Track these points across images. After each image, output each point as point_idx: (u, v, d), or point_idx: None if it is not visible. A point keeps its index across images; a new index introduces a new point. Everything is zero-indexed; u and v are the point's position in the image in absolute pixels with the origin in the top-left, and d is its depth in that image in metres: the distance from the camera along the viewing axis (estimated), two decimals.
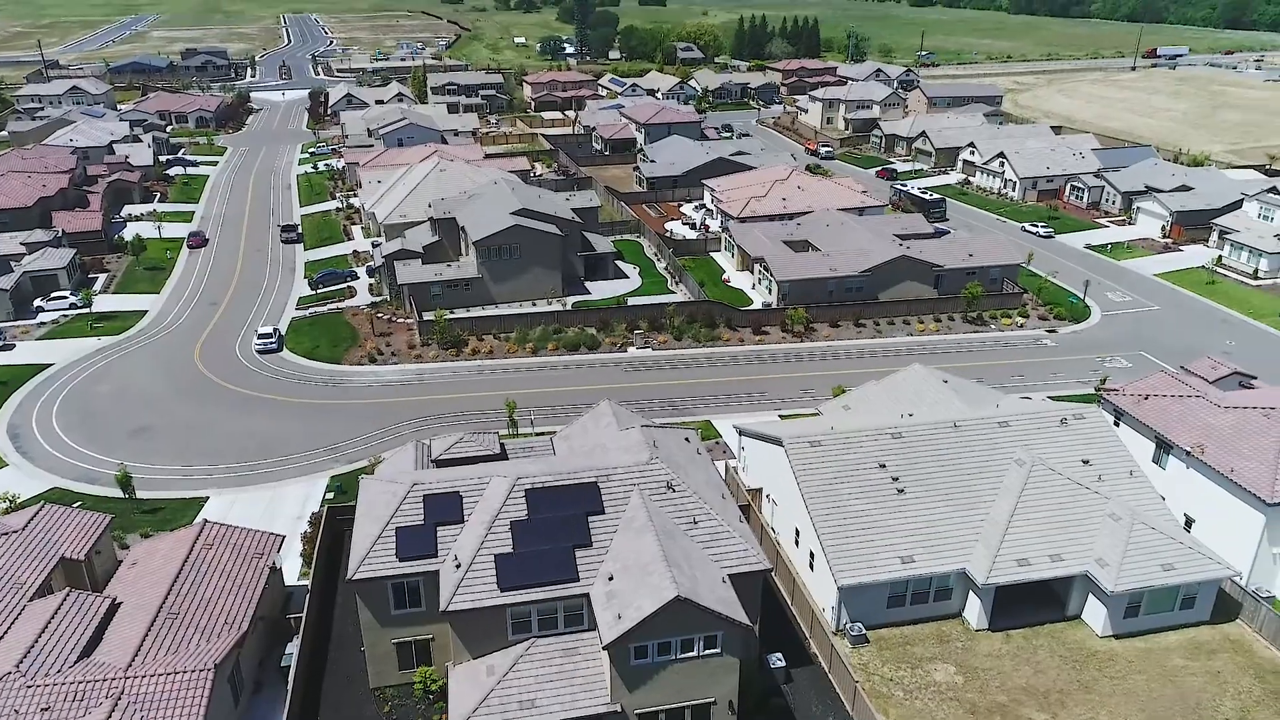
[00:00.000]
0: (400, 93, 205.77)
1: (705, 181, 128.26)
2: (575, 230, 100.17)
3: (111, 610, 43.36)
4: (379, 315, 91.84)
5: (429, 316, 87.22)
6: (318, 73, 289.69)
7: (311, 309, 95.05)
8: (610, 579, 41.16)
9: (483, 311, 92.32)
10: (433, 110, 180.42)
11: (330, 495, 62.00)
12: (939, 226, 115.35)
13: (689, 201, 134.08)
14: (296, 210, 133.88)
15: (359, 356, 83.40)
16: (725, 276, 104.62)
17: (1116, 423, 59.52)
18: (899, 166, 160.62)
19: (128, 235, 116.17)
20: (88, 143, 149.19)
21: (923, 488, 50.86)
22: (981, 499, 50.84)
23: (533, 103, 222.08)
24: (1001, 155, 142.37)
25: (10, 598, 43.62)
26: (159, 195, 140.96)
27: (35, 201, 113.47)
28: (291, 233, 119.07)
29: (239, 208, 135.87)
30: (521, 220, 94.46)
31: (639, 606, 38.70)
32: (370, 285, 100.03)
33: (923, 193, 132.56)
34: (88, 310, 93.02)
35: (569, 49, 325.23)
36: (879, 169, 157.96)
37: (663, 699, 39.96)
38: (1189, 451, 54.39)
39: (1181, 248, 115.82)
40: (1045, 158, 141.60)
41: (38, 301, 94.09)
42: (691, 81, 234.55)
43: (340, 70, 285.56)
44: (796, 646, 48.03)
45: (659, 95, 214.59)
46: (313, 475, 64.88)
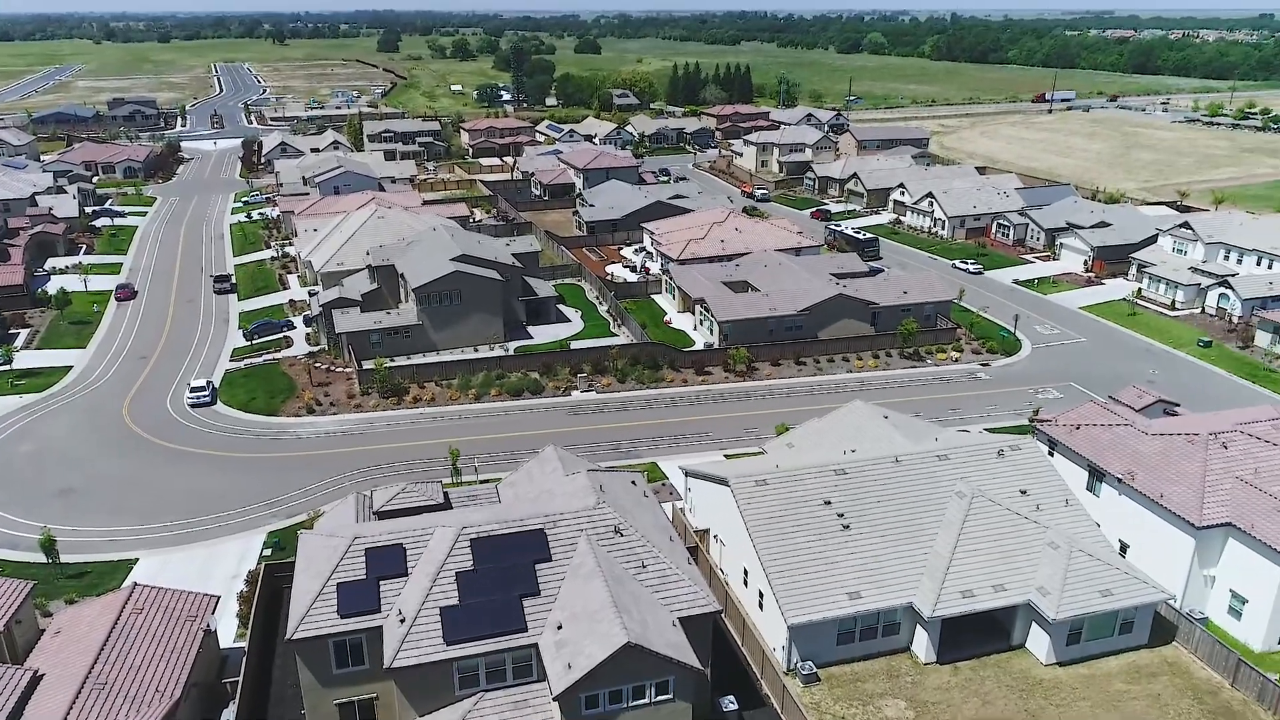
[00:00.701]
0: (336, 141, 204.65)
1: (644, 225, 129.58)
2: (516, 275, 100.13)
3: (33, 683, 41.17)
4: (317, 365, 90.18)
5: (369, 365, 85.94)
6: (251, 121, 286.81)
7: (246, 360, 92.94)
8: (559, 628, 40.53)
9: (424, 359, 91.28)
10: (369, 158, 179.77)
11: (268, 552, 60.12)
12: (874, 265, 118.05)
13: (629, 245, 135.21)
14: (230, 260, 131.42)
15: (296, 408, 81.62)
16: (667, 318, 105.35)
17: (1051, 452, 61.05)
18: (833, 207, 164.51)
19: (51, 289, 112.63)
20: (8, 195, 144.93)
21: (867, 523, 51.36)
22: (925, 532, 51.51)
23: (471, 149, 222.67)
24: (930, 195, 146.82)
25: None
26: (85, 247, 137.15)
27: None
28: (225, 283, 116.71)
29: (169, 259, 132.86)
30: (461, 266, 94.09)
31: (589, 654, 38.14)
32: (308, 335, 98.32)
33: (857, 233, 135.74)
34: (7, 367, 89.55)
35: (506, 96, 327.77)
36: (813, 210, 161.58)
37: None
38: (1120, 479, 55.97)
39: (1103, 281, 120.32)
40: (972, 197, 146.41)
41: None
42: (628, 127, 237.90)
43: (274, 119, 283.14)
44: (748, 688, 47.74)
45: (597, 141, 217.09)
46: (249, 532, 62.91)
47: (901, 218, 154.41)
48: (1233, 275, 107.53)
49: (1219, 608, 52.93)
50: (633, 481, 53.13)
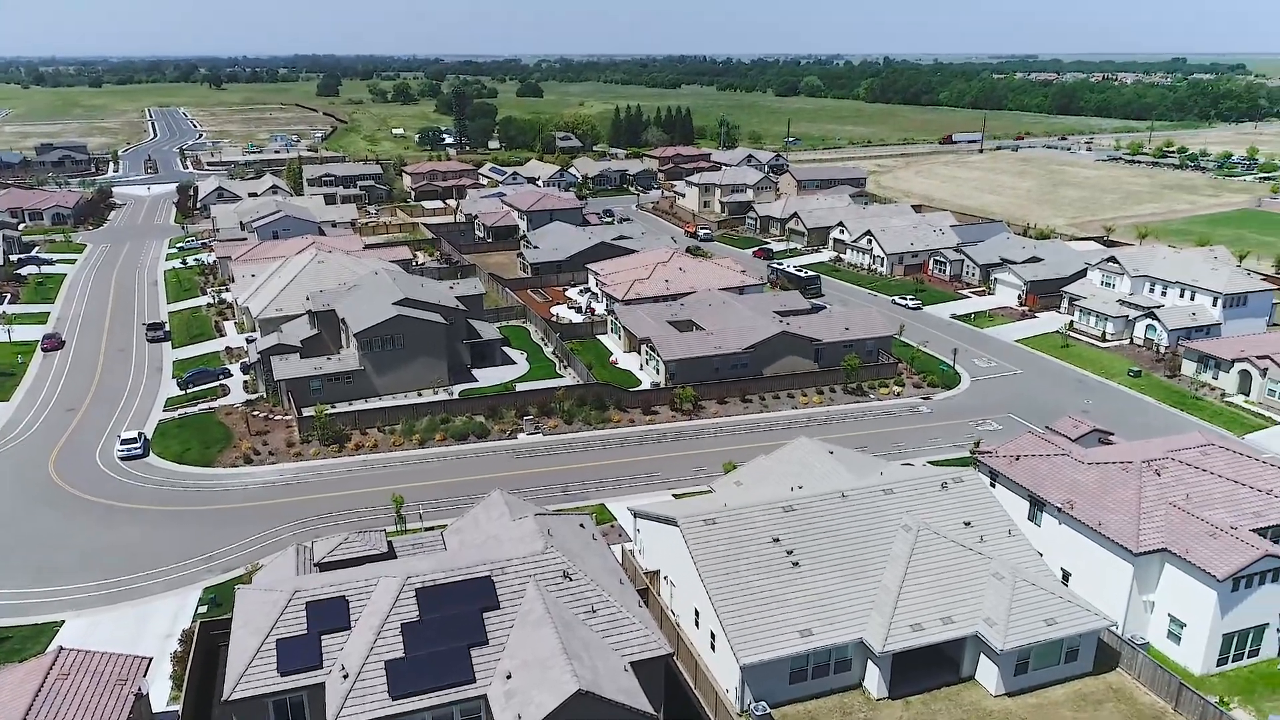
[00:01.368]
0: (275, 185, 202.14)
1: (589, 265, 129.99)
2: (460, 318, 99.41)
3: None
4: (255, 413, 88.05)
5: (309, 412, 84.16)
6: (186, 166, 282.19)
7: (181, 410, 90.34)
8: (508, 677, 39.66)
9: (366, 404, 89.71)
10: (309, 202, 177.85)
11: (203, 609, 57.97)
12: (816, 302, 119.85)
13: (574, 286, 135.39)
14: (164, 307, 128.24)
15: (233, 458, 79.42)
16: (613, 358, 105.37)
17: (992, 484, 62.11)
18: (774, 246, 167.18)
19: None
20: None
21: (816, 559, 51.48)
22: (873, 566, 51.79)
23: (413, 192, 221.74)
24: (869, 233, 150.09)
25: None
26: (9, 296, 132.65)
27: None
28: (158, 331, 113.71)
29: (100, 307, 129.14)
30: (404, 310, 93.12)
31: (540, 704, 37.34)
32: (245, 382, 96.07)
33: (798, 271, 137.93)
34: None
35: (448, 139, 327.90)
36: (756, 249, 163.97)
37: None
38: (1060, 508, 57.10)
39: (1037, 315, 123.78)
40: (909, 234, 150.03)
41: None
42: (571, 169, 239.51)
43: (211, 163, 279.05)
44: None
45: (540, 183, 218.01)
46: (184, 588, 60.63)
47: (842, 255, 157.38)
48: (1158, 307, 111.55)
49: (1159, 633, 54.01)
50: (581, 524, 52.65)
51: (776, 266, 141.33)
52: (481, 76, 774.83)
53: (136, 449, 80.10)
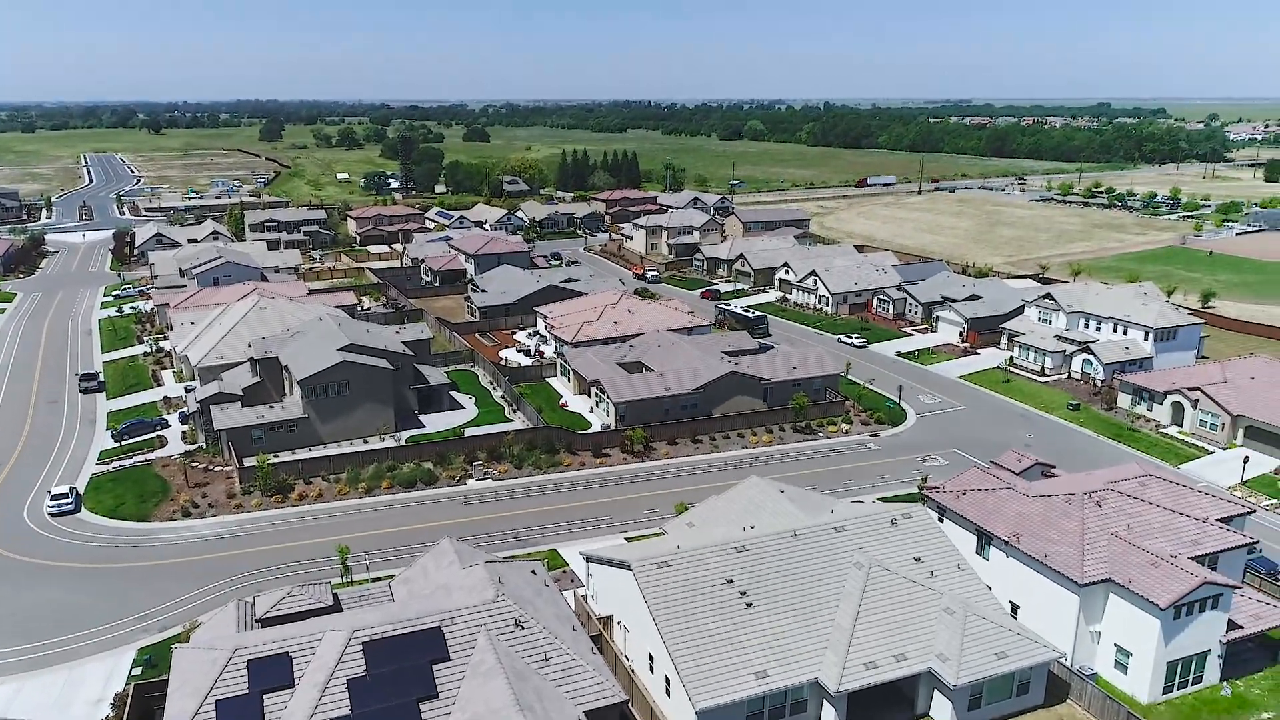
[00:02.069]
0: (215, 231, 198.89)
1: (538, 309, 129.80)
2: (407, 363, 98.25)
3: None
4: (194, 465, 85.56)
5: (250, 462, 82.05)
6: (123, 212, 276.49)
7: (115, 463, 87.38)
8: None
9: (310, 453, 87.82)
10: (251, 247, 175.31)
11: (138, 671, 55.58)
12: (763, 342, 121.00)
13: (522, 329, 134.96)
14: (98, 357, 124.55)
15: (171, 511, 76.92)
16: (562, 401, 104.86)
17: (941, 518, 62.77)
18: (722, 287, 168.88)
19: None
20: None
21: (770, 600, 51.32)
22: (826, 605, 51.78)
23: (358, 237, 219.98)
24: (814, 273, 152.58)
25: None
26: None
27: None
28: (92, 381, 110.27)
29: (30, 357, 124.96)
30: (349, 356, 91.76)
31: None
32: (184, 433, 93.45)
33: (746, 311, 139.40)
34: None
35: (394, 184, 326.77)
36: (703, 290, 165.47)
37: None
38: (1007, 541, 57.89)
39: (978, 351, 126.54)
40: (853, 274, 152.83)
41: None
42: (519, 212, 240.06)
43: (149, 209, 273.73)
44: None
45: (487, 226, 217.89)
46: (117, 650, 58.15)
47: (788, 295, 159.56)
48: (1093, 342, 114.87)
49: (1106, 663, 54.74)
50: (533, 571, 51.90)
51: (724, 307, 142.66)
52: (427, 121, 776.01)
53: (67, 504, 77.13)
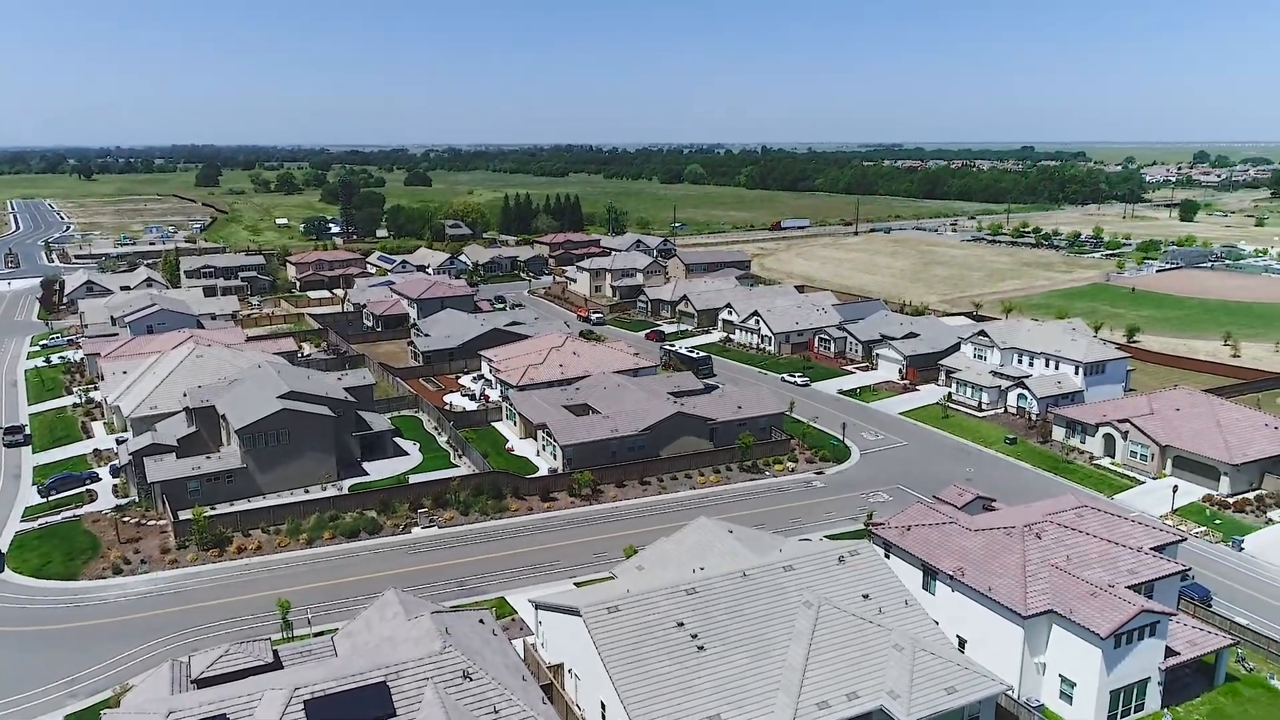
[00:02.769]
0: (150, 278, 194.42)
1: (482, 352, 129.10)
2: (349, 410, 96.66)
3: None
4: (125, 519, 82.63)
5: (186, 515, 79.56)
6: (53, 260, 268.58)
7: (41, 520, 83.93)
8: None
9: (249, 504, 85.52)
10: (187, 294, 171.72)
11: None
12: (708, 382, 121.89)
13: (467, 373, 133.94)
14: (24, 409, 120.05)
15: (101, 569, 74.04)
16: (509, 445, 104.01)
17: (887, 554, 63.48)
18: (666, 328, 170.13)
19: None
20: None
21: (721, 641, 51.14)
22: (777, 645, 51.75)
23: (298, 282, 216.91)
24: (756, 314, 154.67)
25: None
26: None
27: None
28: (17, 434, 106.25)
29: None
30: (289, 403, 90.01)
31: None
32: (115, 486, 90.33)
33: (690, 352, 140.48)
34: None
35: (335, 228, 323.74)
36: (648, 331, 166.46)
37: None
38: (952, 575, 58.73)
39: (918, 388, 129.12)
40: (794, 314, 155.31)
41: None
42: (462, 256, 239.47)
43: (79, 257, 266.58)
44: None
45: (430, 270, 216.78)
46: (43, 718, 55.35)
47: (731, 336, 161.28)
48: (1027, 376, 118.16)
49: (1052, 693, 55.59)
50: (480, 620, 51.06)
51: (669, 348, 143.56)
52: (368, 166, 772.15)
53: None
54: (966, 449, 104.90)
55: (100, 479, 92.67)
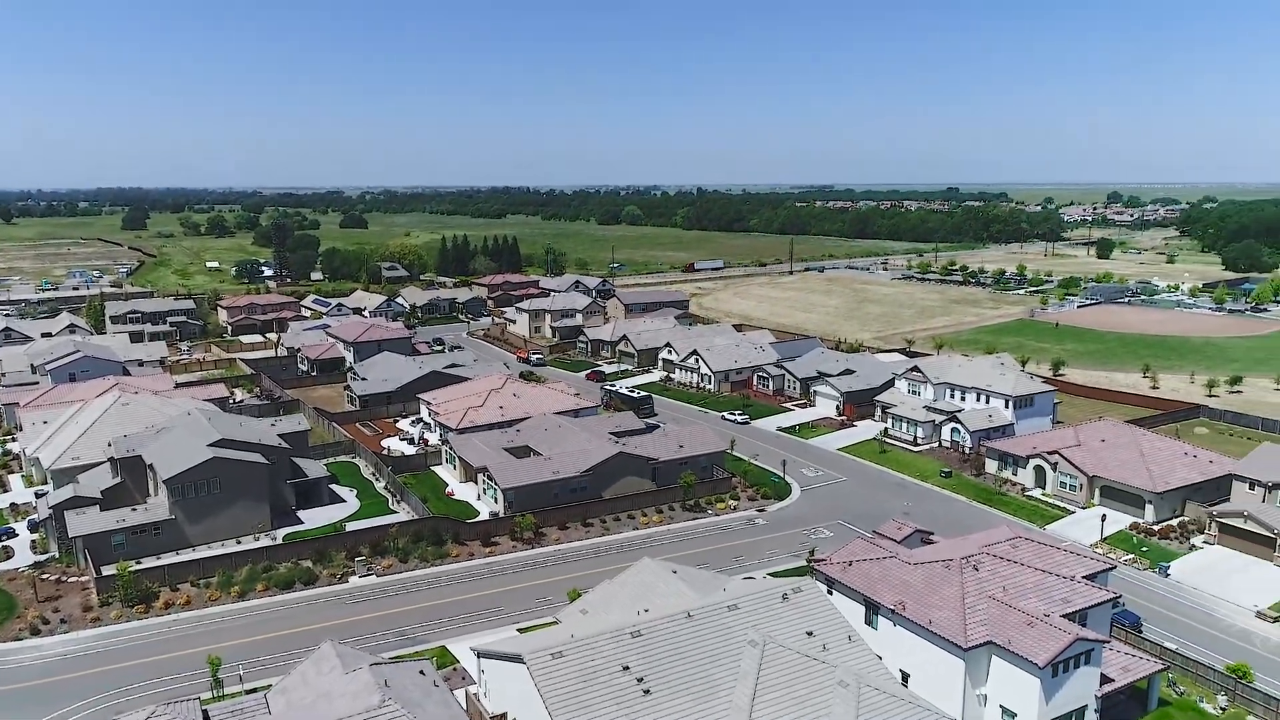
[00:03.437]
0: (73, 324, 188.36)
1: (421, 395, 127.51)
2: (283, 457, 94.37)
3: None
4: (44, 576, 78.99)
5: (110, 570, 76.39)
6: None
7: None
8: None
9: (177, 557, 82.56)
10: (113, 340, 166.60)
11: None
12: (649, 422, 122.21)
13: (405, 416, 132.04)
14: None
15: (17, 629, 70.51)
16: (449, 489, 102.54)
17: (829, 590, 63.93)
18: (606, 368, 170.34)
19: None
20: None
21: (667, 684, 50.77)
22: (723, 686, 51.57)
23: (230, 327, 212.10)
24: (695, 352, 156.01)
25: None
26: None
27: None
28: None
29: None
30: (220, 451, 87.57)
31: None
32: (33, 542, 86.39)
33: (631, 391, 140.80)
34: None
35: (268, 272, 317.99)
36: (588, 372, 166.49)
37: None
38: (893, 609, 59.38)
39: (855, 424, 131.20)
40: (733, 352, 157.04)
41: None
42: (399, 298, 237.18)
43: None
44: None
45: (366, 313, 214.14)
46: None
47: (671, 375, 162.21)
48: (960, 411, 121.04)
49: None
50: (421, 671, 49.93)
51: (609, 388, 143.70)
52: (303, 208, 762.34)
53: None
54: (904, 483, 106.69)
55: (17, 534, 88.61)
